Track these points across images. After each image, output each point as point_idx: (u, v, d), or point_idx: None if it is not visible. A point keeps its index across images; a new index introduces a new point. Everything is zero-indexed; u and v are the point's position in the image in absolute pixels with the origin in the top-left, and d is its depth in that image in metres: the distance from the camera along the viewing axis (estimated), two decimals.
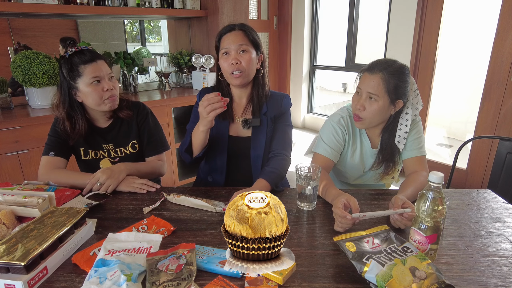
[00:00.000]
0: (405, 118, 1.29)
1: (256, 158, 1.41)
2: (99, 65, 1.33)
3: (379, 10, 3.82)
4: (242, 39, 1.31)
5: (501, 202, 1.21)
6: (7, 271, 0.77)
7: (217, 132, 1.41)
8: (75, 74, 1.31)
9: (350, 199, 1.01)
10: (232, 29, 1.32)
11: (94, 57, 1.32)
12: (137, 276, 0.79)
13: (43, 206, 1.03)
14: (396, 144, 1.31)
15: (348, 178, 1.49)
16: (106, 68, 1.35)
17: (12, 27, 2.56)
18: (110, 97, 1.34)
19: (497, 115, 2.71)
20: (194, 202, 1.17)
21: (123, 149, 1.47)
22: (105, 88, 1.32)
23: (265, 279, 0.79)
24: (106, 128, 1.45)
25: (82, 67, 1.30)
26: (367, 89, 1.24)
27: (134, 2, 2.75)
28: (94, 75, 1.31)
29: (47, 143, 1.39)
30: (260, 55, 1.38)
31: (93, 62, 1.32)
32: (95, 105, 1.35)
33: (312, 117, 4.62)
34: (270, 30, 4.39)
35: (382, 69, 1.22)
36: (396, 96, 1.23)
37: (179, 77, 3.35)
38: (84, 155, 1.44)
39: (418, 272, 0.73)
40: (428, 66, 3.09)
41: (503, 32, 2.57)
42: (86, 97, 1.33)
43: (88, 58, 1.31)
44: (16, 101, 2.49)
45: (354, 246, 0.83)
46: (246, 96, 1.42)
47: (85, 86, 1.31)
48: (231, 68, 1.30)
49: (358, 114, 1.27)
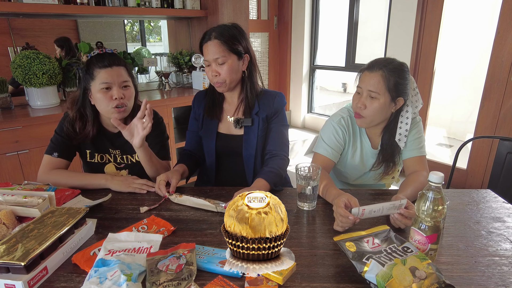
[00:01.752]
0: (405, 116, 1.30)
1: (249, 157, 1.41)
2: (114, 71, 1.28)
3: (379, 10, 3.81)
4: (218, 50, 1.28)
5: (501, 202, 1.21)
6: (7, 271, 0.77)
7: (206, 131, 1.43)
8: (89, 76, 1.28)
9: (351, 199, 1.01)
10: (209, 39, 1.30)
11: (111, 62, 1.28)
12: (137, 276, 0.79)
13: (43, 206, 1.03)
14: (397, 142, 1.31)
15: (348, 178, 1.49)
16: (121, 75, 1.29)
17: (12, 27, 2.56)
18: (117, 107, 1.28)
19: (497, 115, 2.71)
20: (196, 201, 1.17)
21: (129, 156, 1.44)
22: (114, 96, 1.27)
23: (265, 279, 0.79)
24: (115, 134, 1.41)
25: (96, 71, 1.27)
26: (367, 88, 1.24)
27: (134, 2, 2.75)
28: (104, 81, 1.26)
29: (53, 141, 1.36)
30: (245, 56, 1.35)
31: (108, 67, 1.27)
32: (103, 112, 1.31)
33: (312, 117, 4.62)
34: (270, 30, 4.39)
35: (382, 67, 1.22)
36: (396, 93, 1.23)
37: (179, 77, 3.35)
38: (90, 158, 1.42)
39: (418, 272, 0.73)
40: (428, 66, 3.09)
41: (503, 32, 2.57)
42: (96, 102, 1.31)
43: (104, 63, 1.27)
44: (16, 101, 2.49)
45: (354, 246, 0.83)
46: (236, 96, 1.43)
47: (96, 91, 1.28)
48: (213, 79, 1.33)
49: (359, 112, 1.27)
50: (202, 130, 1.46)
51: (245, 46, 1.35)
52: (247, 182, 1.44)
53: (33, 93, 2.32)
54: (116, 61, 1.29)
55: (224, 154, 1.45)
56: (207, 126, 1.44)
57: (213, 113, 1.43)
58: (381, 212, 0.98)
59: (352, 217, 0.95)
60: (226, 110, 1.45)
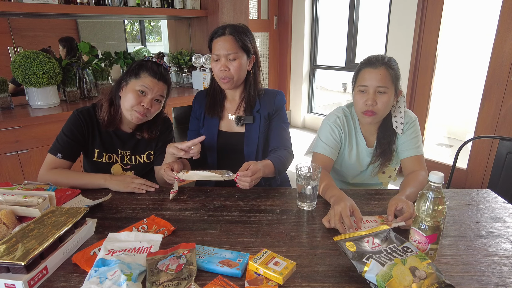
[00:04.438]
0: (398, 105, 1.34)
1: (250, 153, 1.43)
2: (156, 84, 1.30)
3: (379, 10, 3.81)
4: (231, 46, 1.30)
5: (501, 202, 1.21)
6: (7, 271, 0.77)
7: (207, 129, 1.44)
8: (135, 73, 1.30)
9: (354, 209, 1.01)
10: (222, 34, 1.32)
11: (161, 77, 1.31)
12: (137, 276, 0.79)
13: (43, 205, 1.03)
14: (395, 129, 1.34)
15: (347, 177, 1.50)
16: (159, 90, 1.31)
17: (12, 27, 2.56)
18: (139, 112, 1.30)
19: (497, 115, 2.71)
20: (203, 174, 1.19)
21: (138, 157, 1.45)
22: (142, 103, 1.29)
23: (265, 279, 0.80)
24: (127, 134, 1.42)
25: (143, 74, 1.29)
26: (375, 84, 1.25)
27: (134, 2, 2.75)
28: (144, 86, 1.28)
29: (58, 141, 1.34)
30: (252, 56, 1.39)
31: (155, 79, 1.29)
32: (125, 107, 1.32)
33: (312, 117, 4.62)
34: (270, 30, 4.39)
35: (383, 62, 1.26)
36: (398, 85, 1.29)
37: (179, 77, 3.35)
38: (97, 157, 1.40)
39: (418, 272, 0.73)
40: (428, 66, 3.09)
41: (503, 32, 2.57)
42: (125, 96, 1.31)
43: (156, 74, 1.29)
44: (16, 101, 2.49)
45: (354, 246, 0.83)
46: (238, 94, 1.45)
47: (132, 88, 1.29)
48: (220, 74, 1.33)
49: (371, 109, 1.28)
50: (203, 128, 1.47)
51: (254, 47, 1.39)
52: None
53: (33, 93, 2.32)
54: (166, 78, 1.33)
55: (226, 152, 1.46)
56: (208, 124, 1.45)
57: (214, 111, 1.44)
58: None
59: (353, 229, 0.96)
60: (228, 108, 1.46)
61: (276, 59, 4.59)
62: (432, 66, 3.07)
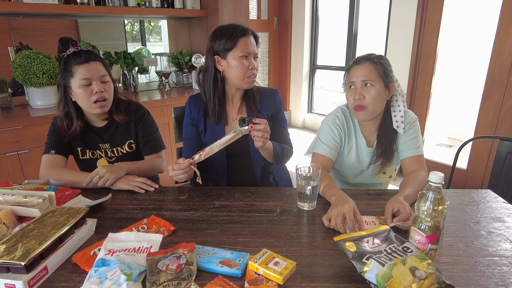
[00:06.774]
0: (397, 105, 1.35)
1: (257, 155, 1.42)
2: (92, 66, 1.32)
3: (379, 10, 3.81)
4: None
5: (501, 202, 1.21)
6: (7, 271, 0.77)
7: (213, 136, 1.42)
8: (68, 74, 1.32)
9: (356, 212, 1.01)
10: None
11: (88, 58, 1.31)
12: (137, 276, 0.79)
13: (43, 205, 1.03)
14: (396, 129, 1.34)
15: (347, 177, 1.50)
16: (99, 70, 1.33)
17: (12, 27, 2.56)
18: (98, 101, 1.33)
19: (497, 115, 2.71)
20: (219, 143, 1.16)
21: (119, 148, 1.48)
22: (94, 91, 1.32)
23: (265, 279, 0.80)
24: (102, 128, 1.46)
25: (75, 68, 1.31)
26: (360, 78, 1.28)
27: (134, 2, 2.76)
28: (84, 77, 1.30)
29: (47, 143, 1.40)
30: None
31: (86, 63, 1.31)
32: (85, 107, 1.35)
33: (312, 117, 4.62)
34: (270, 30, 4.39)
35: (367, 59, 1.30)
36: (387, 80, 1.30)
37: (179, 77, 3.35)
38: (81, 155, 1.45)
39: (418, 272, 0.73)
40: (428, 66, 3.09)
41: (503, 32, 2.57)
42: (77, 98, 1.34)
43: (81, 59, 1.30)
44: (16, 101, 2.49)
45: (354, 246, 0.83)
46: (239, 97, 1.46)
47: (76, 87, 1.31)
48: (248, 72, 1.35)
49: (359, 103, 1.29)
50: (206, 136, 1.45)
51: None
52: (256, 180, 1.48)
53: (33, 93, 2.32)
54: (92, 56, 1.33)
55: (233, 155, 1.46)
56: (213, 132, 1.43)
57: (221, 118, 1.43)
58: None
59: (354, 231, 0.96)
60: (229, 112, 1.46)
61: (276, 59, 4.59)
62: (432, 66, 3.07)
